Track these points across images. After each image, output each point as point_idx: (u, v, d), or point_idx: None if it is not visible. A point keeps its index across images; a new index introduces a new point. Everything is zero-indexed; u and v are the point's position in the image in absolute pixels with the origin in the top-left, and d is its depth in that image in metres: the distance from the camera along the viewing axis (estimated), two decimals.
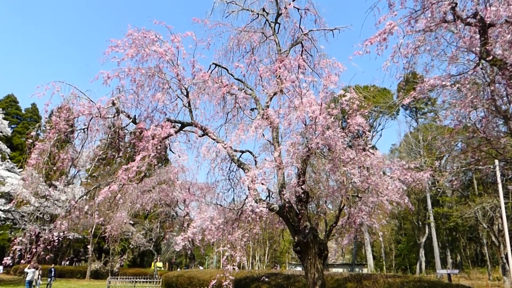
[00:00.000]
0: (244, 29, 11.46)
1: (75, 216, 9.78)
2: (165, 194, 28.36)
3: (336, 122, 8.50)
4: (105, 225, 26.64)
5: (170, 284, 24.99)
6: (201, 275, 20.84)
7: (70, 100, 9.27)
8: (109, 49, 9.21)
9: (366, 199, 9.60)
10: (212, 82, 9.86)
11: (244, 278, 17.23)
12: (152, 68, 9.61)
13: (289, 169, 9.16)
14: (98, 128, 9.66)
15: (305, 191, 9.38)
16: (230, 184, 11.04)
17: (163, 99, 9.60)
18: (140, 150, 8.72)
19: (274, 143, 9.87)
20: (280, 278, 15.54)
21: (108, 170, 13.12)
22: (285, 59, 9.56)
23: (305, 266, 9.42)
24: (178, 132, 10.02)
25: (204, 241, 10.36)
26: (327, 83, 8.46)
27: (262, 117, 9.16)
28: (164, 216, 32.36)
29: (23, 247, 8.70)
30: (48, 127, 9.67)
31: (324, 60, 9.73)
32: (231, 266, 8.63)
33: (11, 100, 55.14)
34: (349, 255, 54.50)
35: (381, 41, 6.55)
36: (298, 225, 9.29)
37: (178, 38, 9.58)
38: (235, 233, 9.30)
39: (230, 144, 9.19)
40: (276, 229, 13.01)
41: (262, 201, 9.09)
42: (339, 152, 8.41)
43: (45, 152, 9.02)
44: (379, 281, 12.23)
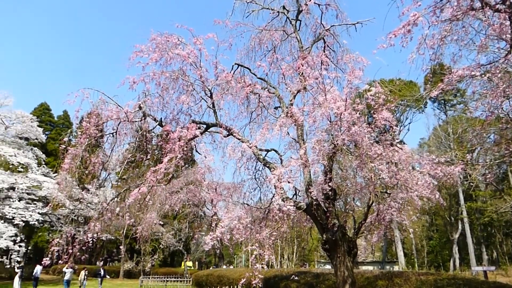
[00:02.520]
0: (265, 28, 11.45)
1: (107, 218, 10.05)
2: (192, 194, 28.74)
3: (362, 118, 8.38)
4: (136, 226, 27.26)
5: (200, 283, 25.30)
6: (231, 273, 20.99)
7: (99, 106, 9.54)
8: (134, 55, 9.43)
9: (395, 195, 9.41)
10: (235, 82, 9.92)
11: (273, 276, 17.24)
12: (176, 71, 9.75)
13: (315, 167, 9.10)
14: (126, 132, 9.90)
15: (332, 188, 9.29)
16: (257, 183, 11.05)
17: (187, 101, 9.73)
18: (167, 152, 8.86)
19: (299, 141, 9.82)
20: (309, 277, 15.45)
21: (137, 173, 13.39)
22: (308, 56, 9.50)
23: (334, 264, 9.33)
24: (203, 133, 10.13)
25: (233, 240, 10.43)
26: (351, 78, 8.35)
27: (286, 115, 9.13)
28: (193, 216, 32.80)
29: (60, 248, 8.98)
30: (79, 133, 10.01)
31: (347, 55, 9.61)
32: (260, 265, 8.66)
33: (44, 108, 57.24)
34: (379, 253, 53.54)
35: (406, 33, 6.40)
36: (326, 223, 9.21)
37: (200, 40, 9.69)
38: (263, 232, 9.31)
39: (255, 143, 9.21)
40: (304, 228, 12.94)
41: (289, 199, 9.06)
42: (366, 148, 8.29)
43: (77, 156, 9.32)
44: (411, 279, 11.96)
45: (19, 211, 29.77)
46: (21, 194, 31.53)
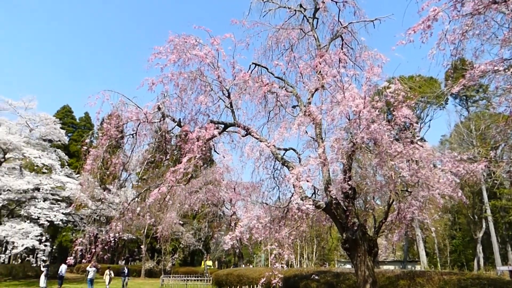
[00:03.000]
0: (282, 27, 11.42)
1: (129, 218, 10.21)
2: (211, 194, 28.92)
3: (381, 115, 8.27)
4: (156, 226, 27.64)
5: (220, 282, 25.46)
6: (250, 273, 21.04)
7: (119, 107, 9.70)
8: (152, 56, 9.56)
9: (417, 194, 9.25)
10: (252, 81, 9.92)
11: (293, 276, 17.20)
12: (194, 72, 9.83)
13: (334, 165, 9.03)
14: (145, 132, 10.04)
15: (351, 187, 9.20)
16: (275, 182, 11.04)
17: (205, 101, 9.79)
18: (186, 152, 8.94)
19: (318, 140, 9.76)
20: (329, 276, 15.34)
21: (156, 173, 13.57)
22: (325, 54, 9.43)
23: (354, 264, 9.24)
24: (221, 133, 10.18)
25: (252, 240, 10.45)
26: (370, 75, 8.25)
27: (304, 114, 9.09)
28: (212, 216, 33.02)
29: (83, 247, 9.17)
30: (100, 134, 10.21)
31: (365, 52, 9.50)
32: (280, 264, 8.65)
33: (67, 110, 58.61)
34: (400, 252, 52.72)
35: (425, 28, 6.28)
36: (345, 222, 9.13)
37: (217, 40, 9.74)
38: (282, 231, 9.30)
39: (273, 143, 9.20)
40: (323, 227, 12.85)
41: (308, 198, 9.01)
42: (385, 146, 8.18)
43: (98, 157, 9.51)
44: (433, 279, 11.74)
45: (44, 211, 30.57)
46: (46, 195, 32.38)
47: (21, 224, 29.25)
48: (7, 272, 35.55)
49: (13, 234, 28.02)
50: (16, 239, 27.82)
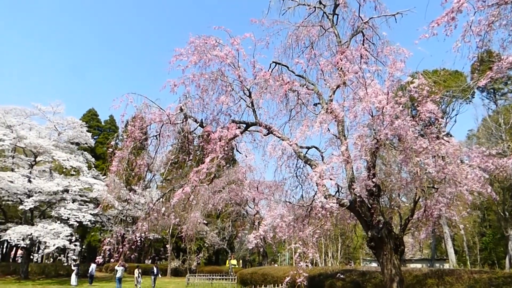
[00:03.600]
0: (302, 24, 11.35)
1: (154, 218, 10.39)
2: (234, 193, 29.07)
3: (405, 111, 8.11)
4: (181, 225, 27.98)
5: (244, 281, 25.56)
6: (275, 272, 21.03)
7: (143, 110, 9.88)
8: (173, 58, 9.68)
9: (444, 190, 9.03)
10: (273, 80, 9.91)
11: (317, 275, 17.09)
12: (215, 73, 9.91)
13: (358, 163, 8.91)
14: (168, 134, 10.19)
15: (376, 184, 9.06)
16: (298, 181, 10.99)
17: (227, 101, 9.85)
18: (209, 152, 9.02)
19: (341, 137, 9.66)
20: (355, 275, 15.17)
21: (180, 173, 13.75)
22: (346, 50, 9.32)
23: (380, 262, 9.11)
24: (243, 132, 10.22)
25: (276, 239, 10.45)
26: (393, 70, 8.10)
27: (326, 112, 9.02)
28: (235, 215, 33.21)
29: (111, 247, 9.37)
30: (125, 136, 10.44)
31: (387, 47, 9.33)
32: (304, 263, 8.62)
33: (92, 114, 60.17)
34: (427, 250, 51.61)
35: (449, 20, 6.11)
36: (370, 220, 9.01)
37: (237, 40, 9.78)
38: (306, 229, 9.26)
39: (295, 141, 9.16)
40: (347, 225, 12.73)
41: (332, 196, 8.94)
42: (410, 142, 8.02)
43: (124, 159, 9.71)
44: (463, 277, 11.44)
45: (73, 212, 31.46)
46: (74, 196, 33.33)
47: (52, 225, 30.23)
48: (40, 271, 36.85)
49: (45, 234, 28.99)
50: (48, 239, 28.77)
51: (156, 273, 27.36)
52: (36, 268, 36.96)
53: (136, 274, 25.23)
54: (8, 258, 59.10)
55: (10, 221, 33.61)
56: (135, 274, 25.38)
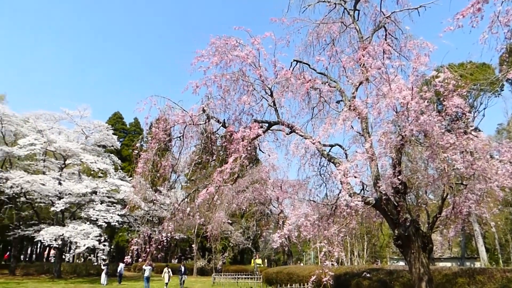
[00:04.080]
0: (322, 21, 11.24)
1: (179, 218, 10.53)
2: (258, 193, 29.11)
3: (430, 106, 7.92)
4: (206, 225, 28.26)
5: (270, 280, 25.57)
6: (300, 271, 20.95)
7: (166, 112, 10.02)
8: (195, 60, 9.77)
9: (473, 187, 8.76)
10: (294, 79, 9.86)
11: (343, 274, 16.92)
12: (236, 73, 9.94)
13: (383, 160, 8.75)
14: (192, 135, 10.30)
15: (402, 181, 8.88)
16: (322, 179, 10.89)
17: (248, 101, 9.87)
18: (232, 152, 9.06)
19: (364, 134, 9.52)
20: (382, 274, 14.93)
21: (204, 174, 13.92)
22: (368, 46, 9.17)
23: (408, 261, 8.93)
24: (266, 131, 10.22)
25: (300, 238, 10.41)
26: (417, 65, 7.92)
27: (349, 109, 8.90)
28: (259, 215, 33.25)
29: (138, 247, 9.55)
30: (149, 138, 10.63)
31: (411, 42, 9.13)
32: (330, 262, 8.56)
33: (118, 117, 61.55)
34: (457, 248, 50.27)
35: (475, 12, 5.92)
36: (397, 218, 8.84)
37: (257, 40, 9.78)
38: (331, 228, 9.19)
39: (318, 139, 9.09)
40: (373, 223, 12.53)
41: (357, 194, 8.83)
42: (436, 137, 7.82)
43: (149, 161, 9.89)
44: (495, 276, 11.07)
45: (101, 213, 32.32)
46: (102, 198, 34.21)
47: (82, 226, 31.15)
48: (72, 270, 38.03)
49: (75, 234, 29.90)
50: (79, 239, 29.66)
51: (184, 273, 27.56)
52: (68, 267, 38.17)
53: (165, 274, 25.50)
54: (42, 258, 61.30)
55: (42, 222, 34.83)
56: (164, 273, 25.65)
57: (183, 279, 27.06)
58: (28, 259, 65.60)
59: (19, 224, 35.91)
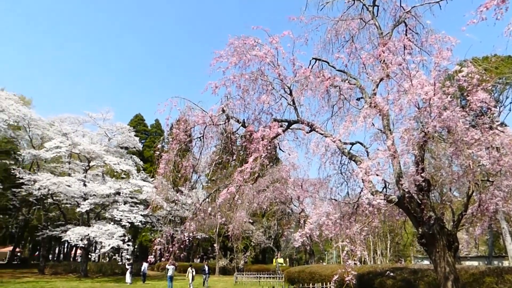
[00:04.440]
0: (341, 18, 11.14)
1: (201, 218, 10.62)
2: (279, 192, 29.08)
3: (454, 101, 7.73)
4: (227, 225, 28.43)
5: (292, 279, 25.52)
6: (322, 270, 20.83)
7: (186, 113, 10.11)
8: (214, 61, 9.82)
9: (500, 183, 8.52)
10: (313, 77, 9.80)
11: (366, 273, 16.74)
12: (255, 72, 9.95)
13: (405, 157, 8.61)
14: (212, 135, 10.36)
15: (425, 179, 8.71)
16: (343, 177, 10.80)
17: (268, 100, 9.87)
18: (252, 152, 9.07)
19: (386, 131, 9.38)
20: (406, 273, 14.69)
21: (224, 174, 13.99)
22: (389, 42, 9.04)
23: (433, 260, 8.75)
24: (285, 130, 10.19)
25: (322, 237, 10.35)
26: (439, 60, 7.75)
27: (370, 106, 8.79)
28: (280, 214, 33.22)
29: (161, 246, 9.68)
30: (170, 139, 10.74)
31: (432, 36, 8.94)
32: (352, 261, 8.48)
33: (139, 119, 62.61)
34: (484, 247, 48.88)
35: (499, 3, 5.76)
36: (421, 216, 8.68)
37: (276, 39, 9.76)
38: (353, 227, 9.10)
39: (338, 137, 9.01)
40: (396, 222, 12.36)
41: (379, 193, 8.71)
42: (461, 133, 7.64)
43: (170, 161, 10.00)
44: None
45: (125, 214, 32.95)
46: (126, 198, 34.86)
47: (107, 226, 31.83)
48: (98, 269, 38.94)
49: (100, 234, 30.58)
50: (103, 239, 30.33)
51: (208, 272, 27.70)
52: (94, 266, 39.10)
53: (189, 273, 25.71)
54: (69, 258, 62.98)
55: (69, 223, 35.82)
56: (188, 272, 25.87)
57: (207, 278, 27.24)
58: (56, 258, 67.58)
59: (47, 224, 37.04)
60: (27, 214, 41.33)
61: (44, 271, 36.11)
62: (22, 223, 43.32)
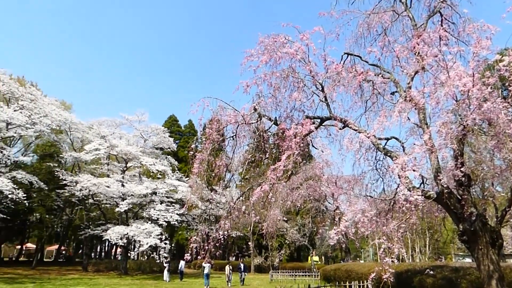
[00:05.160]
0: (373, 12, 10.92)
1: (235, 216, 10.72)
2: (313, 189, 28.86)
3: (494, 92, 7.41)
4: (262, 223, 28.55)
5: (328, 277, 25.31)
6: (359, 268, 20.53)
7: (218, 112, 10.24)
8: (245, 60, 9.88)
9: None
10: (346, 72, 9.67)
11: (405, 271, 16.34)
12: (286, 70, 9.93)
13: (443, 152, 8.33)
14: (244, 134, 10.44)
15: (465, 174, 8.39)
16: (378, 174, 10.59)
17: (299, 97, 9.83)
18: (285, 149, 9.07)
19: (422, 126, 9.11)
20: (447, 271, 14.22)
21: (258, 172, 14.05)
22: (423, 33, 8.78)
23: (475, 257, 8.43)
24: (318, 127, 10.11)
25: (358, 234, 10.22)
26: (478, 49, 7.44)
27: (405, 100, 8.58)
28: (315, 211, 32.97)
29: (197, 245, 9.88)
30: (203, 139, 10.92)
31: (470, 25, 8.59)
32: (390, 259, 8.33)
33: (173, 120, 63.87)
34: None
35: None
36: (461, 212, 8.38)
37: (306, 35, 9.71)
38: (390, 224, 8.93)
39: (373, 133, 8.84)
40: (435, 218, 11.98)
41: (416, 188, 8.48)
42: (503, 126, 7.32)
43: (204, 161, 10.17)
44: None
45: (161, 213, 33.77)
46: (162, 198, 35.72)
47: (144, 225, 32.75)
48: (137, 267, 40.17)
49: (138, 233, 31.51)
50: (142, 238, 31.23)
51: (244, 270, 27.76)
52: (133, 264, 40.37)
53: (227, 271, 25.89)
54: (110, 256, 65.33)
55: (109, 222, 37.16)
56: (226, 271, 26.06)
57: (243, 276, 27.35)
58: (98, 256, 70.32)
59: (88, 224, 38.61)
60: (70, 214, 43.23)
61: (87, 268, 37.66)
62: (66, 222, 45.36)
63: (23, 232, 48.42)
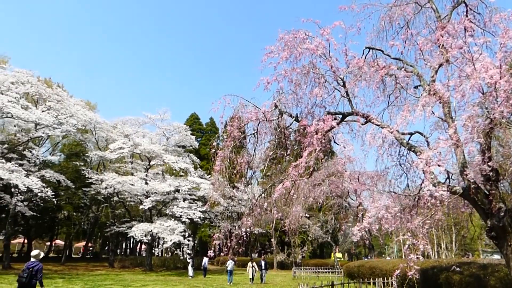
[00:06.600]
0: (395, 4, 10.72)
1: (257, 213, 10.75)
2: (335, 186, 28.64)
3: None
4: (284, 220, 28.51)
5: (351, 274, 25.10)
6: (383, 265, 20.26)
7: (239, 110, 10.28)
8: (265, 57, 9.88)
9: None
10: (367, 67, 9.54)
11: (430, 268, 16.03)
12: (306, 66, 9.88)
13: (470, 146, 8.12)
14: (265, 131, 10.44)
15: (493, 168, 8.16)
16: (402, 169, 10.42)
17: (320, 93, 9.76)
18: (306, 146, 9.04)
19: (447, 119, 8.91)
20: (474, 268, 13.87)
21: (279, 169, 14.06)
22: (447, 25, 8.57)
23: (505, 254, 8.20)
24: (340, 123, 10.02)
25: (382, 231, 10.10)
26: (505, 40, 7.22)
27: (429, 93, 8.40)
28: (337, 208, 32.73)
29: (220, 241, 9.97)
30: (225, 137, 11.00)
31: (496, 15, 8.34)
32: (415, 255, 8.21)
33: (194, 118, 64.51)
34: None
35: None
36: (489, 208, 8.16)
37: (327, 30, 9.62)
38: (415, 220, 8.79)
39: (396, 128, 8.70)
40: (462, 214, 11.71)
41: (441, 184, 8.31)
42: None
43: (225, 158, 10.24)
44: None
45: (184, 210, 34.25)
46: (184, 195, 36.22)
47: (168, 222, 33.29)
48: (161, 263, 40.90)
49: (162, 230, 32.06)
50: (165, 235, 31.77)
51: (265, 267, 27.34)
52: (157, 261, 41.11)
53: (249, 268, 25.79)
54: (135, 252, 66.73)
55: (133, 219, 37.95)
56: (249, 267, 26.01)
57: (264, 274, 26.91)
58: (123, 253, 71.92)
59: (114, 221, 39.55)
60: (96, 211, 44.41)
61: (114, 265, 38.60)
62: (92, 220, 46.60)
63: (52, 229, 50.00)
